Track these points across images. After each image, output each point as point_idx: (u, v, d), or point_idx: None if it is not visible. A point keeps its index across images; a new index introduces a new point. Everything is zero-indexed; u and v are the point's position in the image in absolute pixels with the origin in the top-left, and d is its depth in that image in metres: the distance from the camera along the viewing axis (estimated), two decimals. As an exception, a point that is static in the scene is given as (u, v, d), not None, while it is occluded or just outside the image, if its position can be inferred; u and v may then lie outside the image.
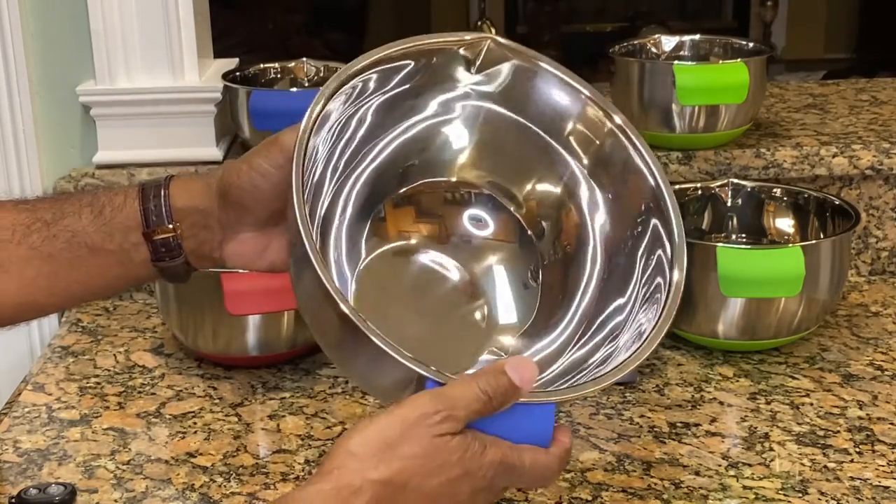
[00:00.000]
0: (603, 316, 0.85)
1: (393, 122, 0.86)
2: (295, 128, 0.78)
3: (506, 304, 0.89)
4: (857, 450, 1.02)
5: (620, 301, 0.85)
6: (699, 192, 1.33)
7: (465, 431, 0.71)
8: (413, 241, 0.89)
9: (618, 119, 0.86)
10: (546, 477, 0.76)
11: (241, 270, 0.94)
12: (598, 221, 0.88)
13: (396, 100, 0.85)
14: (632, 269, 0.85)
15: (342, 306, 0.72)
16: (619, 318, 0.84)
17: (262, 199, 0.83)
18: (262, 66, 1.53)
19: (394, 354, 0.71)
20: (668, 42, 1.52)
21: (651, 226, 0.85)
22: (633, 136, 0.86)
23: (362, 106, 0.84)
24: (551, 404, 0.74)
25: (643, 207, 0.85)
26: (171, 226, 0.84)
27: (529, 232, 0.89)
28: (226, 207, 0.84)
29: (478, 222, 0.90)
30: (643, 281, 0.84)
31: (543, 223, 0.89)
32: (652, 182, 0.85)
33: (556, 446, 0.75)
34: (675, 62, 1.39)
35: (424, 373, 0.72)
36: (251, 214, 0.84)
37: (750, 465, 1.00)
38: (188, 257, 0.85)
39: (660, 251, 0.84)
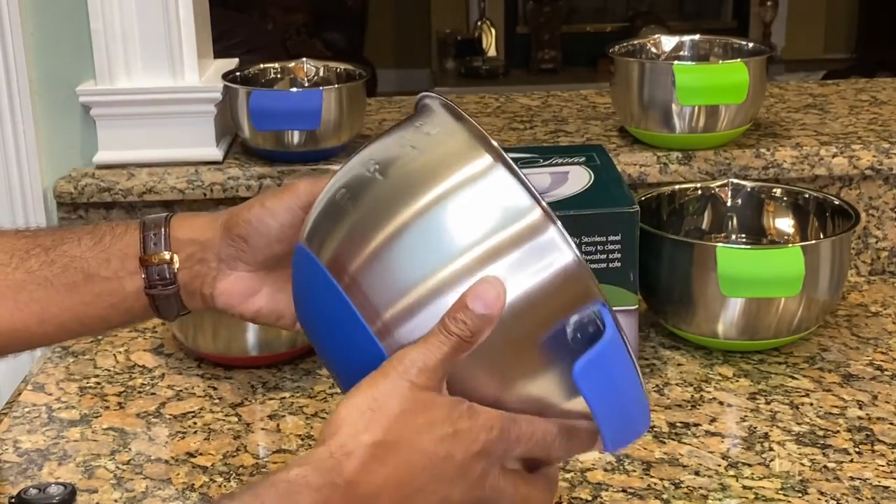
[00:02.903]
0: None
1: None
2: (311, 177, 0.81)
3: None
4: (857, 450, 1.02)
5: None
6: (699, 192, 1.33)
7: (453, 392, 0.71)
8: None
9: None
10: (547, 442, 0.73)
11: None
12: None
13: None
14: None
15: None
16: None
17: (267, 236, 0.85)
18: (262, 66, 1.53)
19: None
20: (668, 42, 1.52)
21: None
22: None
23: None
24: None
25: None
26: (167, 254, 0.86)
27: None
28: (227, 240, 0.86)
29: None
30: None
31: None
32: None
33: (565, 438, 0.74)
34: (675, 62, 1.39)
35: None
36: (251, 252, 0.86)
37: (750, 465, 1.00)
38: (180, 292, 0.87)
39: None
